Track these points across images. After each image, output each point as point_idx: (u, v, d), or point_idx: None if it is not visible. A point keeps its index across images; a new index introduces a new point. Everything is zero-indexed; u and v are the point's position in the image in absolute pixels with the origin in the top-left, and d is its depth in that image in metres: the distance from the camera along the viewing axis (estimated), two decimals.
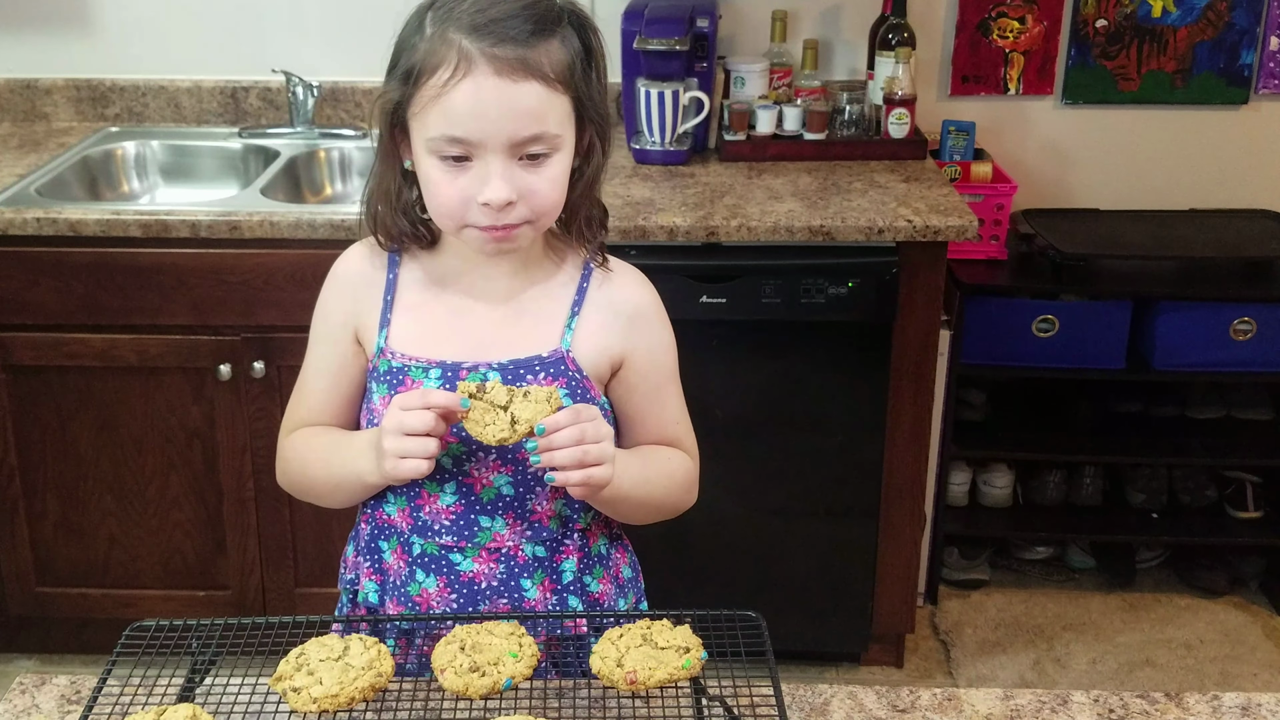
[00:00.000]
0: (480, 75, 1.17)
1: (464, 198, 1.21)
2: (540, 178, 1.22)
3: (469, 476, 1.29)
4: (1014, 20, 2.86)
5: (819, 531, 2.56)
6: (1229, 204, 2.97)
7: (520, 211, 1.22)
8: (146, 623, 1.19)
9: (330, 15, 2.84)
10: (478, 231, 1.23)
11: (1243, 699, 1.20)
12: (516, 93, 1.18)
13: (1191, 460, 2.93)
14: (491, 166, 1.19)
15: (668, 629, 1.16)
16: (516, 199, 1.20)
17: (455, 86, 1.17)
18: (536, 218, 1.24)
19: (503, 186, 1.19)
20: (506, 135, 1.18)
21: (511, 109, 1.18)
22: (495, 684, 1.11)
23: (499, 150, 1.19)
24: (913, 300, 2.39)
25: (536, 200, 1.22)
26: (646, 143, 2.63)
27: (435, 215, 1.25)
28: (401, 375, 1.29)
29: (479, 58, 1.17)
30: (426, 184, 1.23)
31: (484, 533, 1.31)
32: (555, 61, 1.20)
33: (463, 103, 1.17)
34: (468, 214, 1.22)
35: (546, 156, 1.21)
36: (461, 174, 1.20)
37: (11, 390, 2.48)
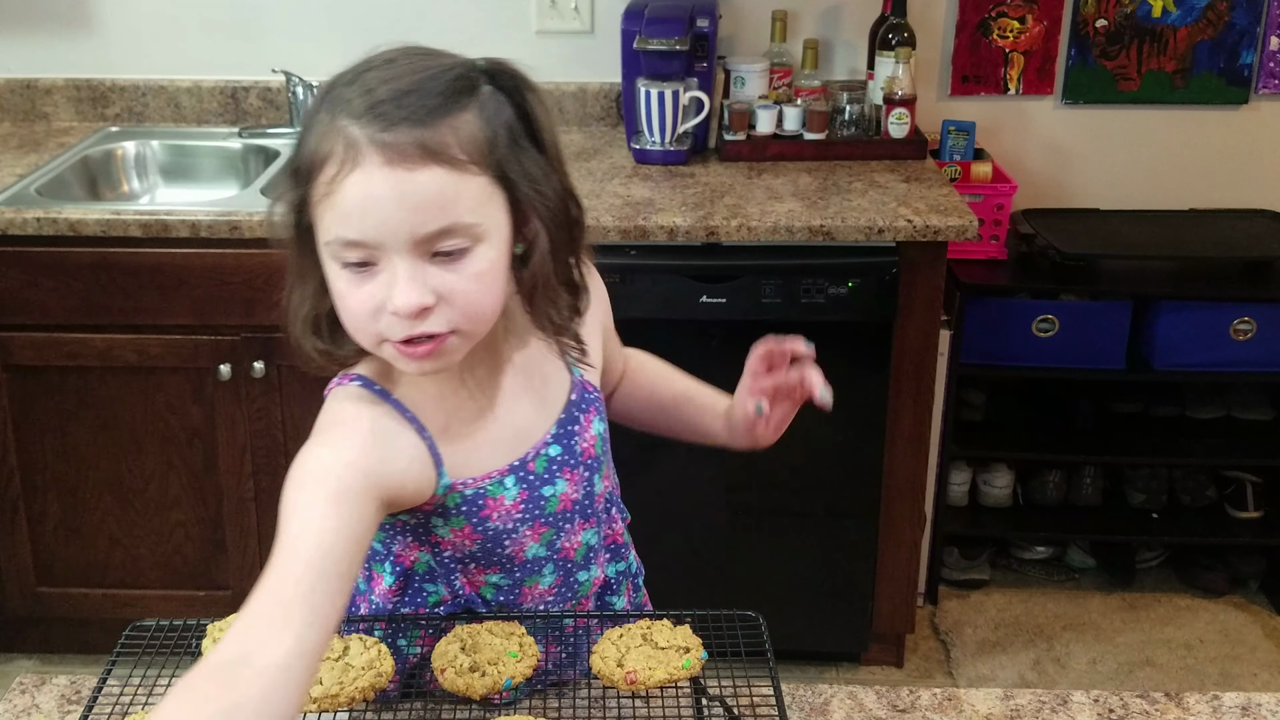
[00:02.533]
0: (369, 167, 1.00)
1: (372, 308, 1.03)
2: (460, 276, 1.03)
3: (561, 551, 1.24)
4: (1014, 20, 2.86)
5: (819, 531, 2.56)
6: (1229, 204, 2.97)
7: (441, 318, 1.04)
8: (146, 623, 1.19)
9: (330, 15, 2.84)
10: (393, 348, 1.05)
11: (1243, 699, 1.20)
12: (413, 182, 1.00)
13: (1191, 460, 2.93)
14: (397, 270, 1.01)
15: (668, 629, 1.16)
16: (434, 303, 1.03)
17: (342, 182, 1.00)
18: (462, 325, 1.05)
19: (411, 291, 1.01)
20: (407, 232, 1.00)
21: (409, 202, 1.00)
22: (495, 684, 1.11)
23: (403, 250, 1.01)
24: (913, 300, 2.39)
25: (459, 303, 1.04)
26: (646, 143, 2.63)
27: (350, 331, 1.08)
28: (480, 500, 1.16)
29: (366, 146, 1.00)
30: (334, 296, 1.07)
31: (584, 586, 1.28)
32: (466, 138, 1.03)
33: (352, 200, 1.00)
34: (380, 326, 1.04)
35: (466, 251, 1.03)
36: (367, 281, 1.03)
37: (11, 390, 2.48)
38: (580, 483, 1.23)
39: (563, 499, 1.22)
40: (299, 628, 0.92)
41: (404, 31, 3.09)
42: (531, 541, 1.21)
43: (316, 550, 0.98)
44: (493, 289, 1.07)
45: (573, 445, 1.22)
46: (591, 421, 1.24)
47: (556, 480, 1.21)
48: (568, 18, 2.84)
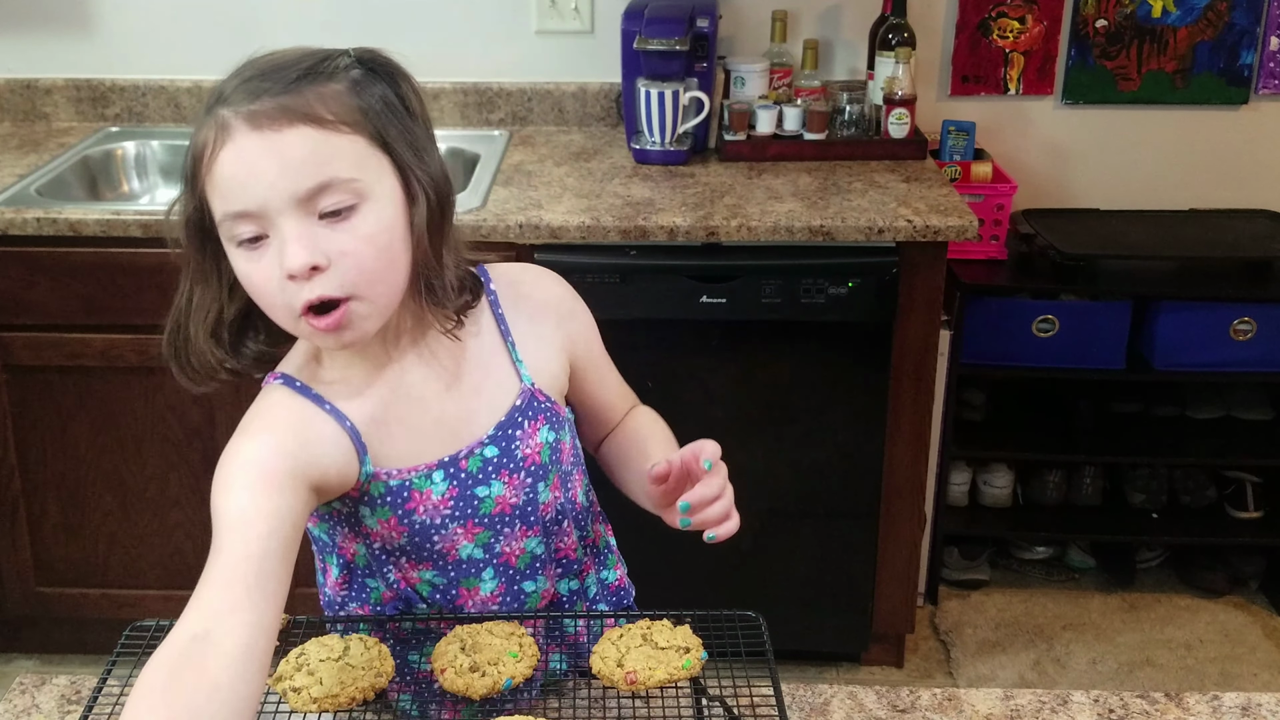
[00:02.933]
0: (238, 136, 1.03)
1: (273, 279, 1.04)
2: (350, 236, 1.04)
3: (501, 555, 1.23)
4: (1014, 20, 2.86)
5: (819, 531, 2.56)
6: (1229, 204, 2.97)
7: (335, 279, 1.04)
8: (146, 623, 1.19)
9: (330, 15, 2.84)
10: (306, 323, 1.06)
11: (1243, 699, 1.20)
12: (282, 142, 1.02)
13: (1191, 460, 2.93)
14: (284, 231, 1.03)
15: (668, 629, 1.16)
16: (325, 263, 1.03)
17: (217, 158, 1.03)
18: (359, 288, 1.05)
19: (300, 250, 1.02)
20: (286, 192, 1.02)
21: (281, 161, 1.02)
22: (495, 684, 1.11)
23: (286, 212, 1.02)
24: (913, 300, 2.39)
25: (349, 264, 1.04)
26: (646, 143, 2.63)
27: (267, 311, 1.09)
28: (405, 491, 1.17)
29: (233, 119, 1.03)
30: (243, 282, 1.08)
31: (531, 597, 1.27)
32: (334, 102, 1.05)
33: (228, 171, 1.03)
34: (286, 298, 1.05)
35: (352, 209, 1.04)
36: (263, 254, 1.04)
37: (11, 390, 2.48)
38: (520, 488, 1.22)
39: (500, 501, 1.21)
40: (258, 605, 0.97)
41: (404, 31, 3.08)
42: (465, 540, 1.21)
43: (259, 533, 1.01)
44: (387, 250, 1.07)
45: (512, 449, 1.21)
46: (538, 429, 1.22)
47: (492, 482, 1.20)
48: (568, 18, 2.84)
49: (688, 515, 1.13)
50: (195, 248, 1.11)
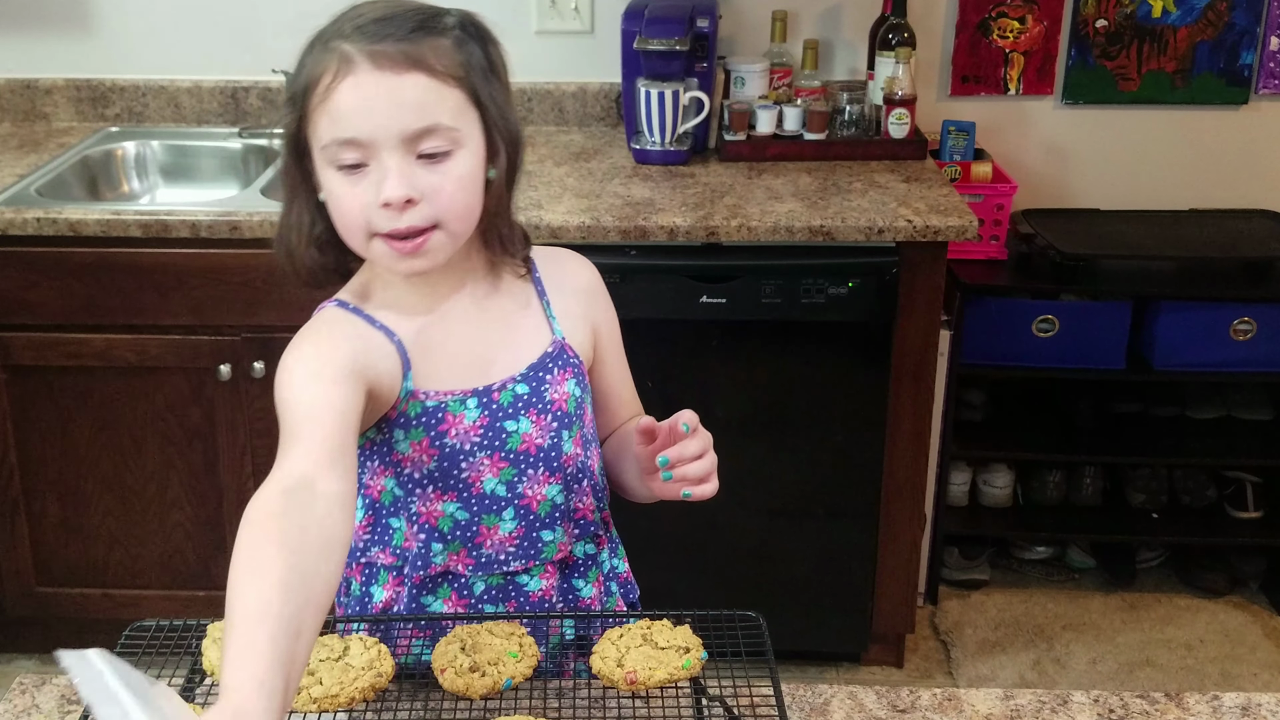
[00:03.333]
0: (360, 72, 1.13)
1: (364, 204, 1.15)
2: (443, 176, 1.16)
3: (524, 498, 1.27)
4: (1014, 20, 2.86)
5: (819, 531, 2.56)
6: (1229, 204, 2.97)
7: (424, 212, 1.15)
8: (146, 623, 1.19)
9: (330, 15, 2.84)
10: (384, 245, 1.17)
11: (1243, 699, 1.20)
12: (399, 84, 1.14)
13: (1191, 460, 2.93)
14: (387, 163, 1.14)
15: (668, 629, 1.16)
16: (418, 198, 1.15)
17: (337, 88, 1.14)
18: (445, 220, 1.17)
19: (399, 183, 1.14)
20: (396, 130, 1.13)
21: (397, 101, 1.13)
22: (495, 684, 1.11)
23: (392, 147, 1.14)
24: (913, 300, 2.39)
25: (442, 200, 1.16)
26: (646, 143, 2.63)
27: (343, 233, 1.19)
28: (440, 413, 1.23)
29: (358, 55, 1.14)
30: (330, 201, 1.18)
31: (549, 547, 1.30)
32: (444, 56, 1.16)
33: (346, 102, 1.13)
34: (371, 222, 1.16)
35: (448, 154, 1.16)
36: (360, 180, 1.15)
37: (11, 390, 2.48)
38: (547, 431, 1.27)
39: (526, 439, 1.26)
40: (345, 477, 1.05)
41: None
42: (490, 474, 1.25)
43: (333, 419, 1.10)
44: (471, 194, 1.19)
45: (542, 391, 1.27)
46: (565, 379, 1.29)
47: (520, 418, 1.25)
48: (568, 18, 2.85)
49: (668, 469, 1.21)
50: (292, 162, 1.21)
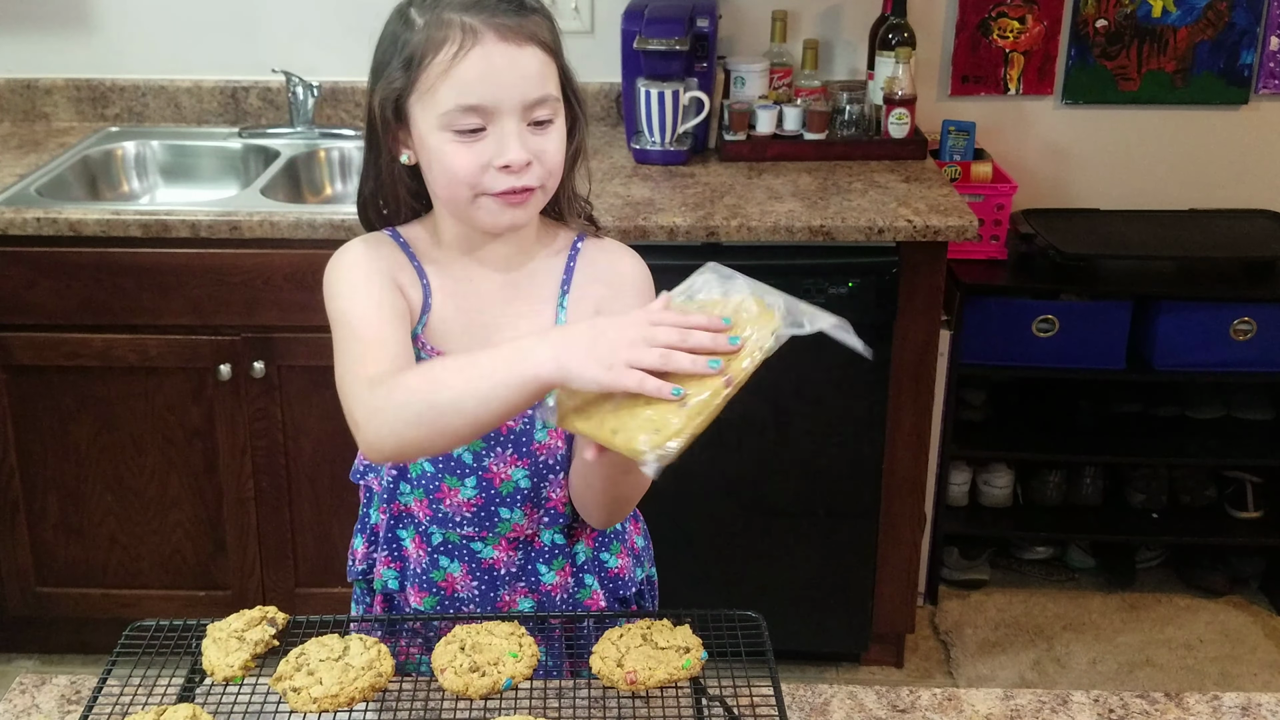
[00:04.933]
0: (488, 43, 1.21)
1: (481, 164, 1.23)
2: (549, 140, 1.26)
3: (488, 471, 1.32)
4: (1014, 20, 2.86)
5: (819, 531, 2.56)
6: (1229, 204, 2.97)
7: (535, 173, 1.25)
8: (146, 623, 1.19)
9: (330, 15, 2.84)
10: (492, 199, 1.25)
11: (1243, 699, 1.20)
12: (522, 56, 1.22)
13: (1191, 460, 2.93)
14: (507, 129, 1.23)
15: (668, 629, 1.16)
16: (533, 160, 1.24)
17: (465, 57, 1.21)
18: (547, 180, 1.27)
19: (520, 148, 1.23)
20: (519, 98, 1.22)
21: (521, 72, 1.22)
22: (495, 684, 1.11)
23: (513, 113, 1.22)
24: (913, 300, 2.39)
25: (548, 160, 1.26)
26: (646, 143, 2.63)
27: (448, 189, 1.26)
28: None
29: (483, 28, 1.21)
30: (439, 160, 1.25)
31: (504, 523, 1.34)
32: (546, 33, 1.26)
33: (475, 71, 1.21)
34: (484, 181, 1.24)
35: (550, 122, 1.26)
36: (477, 142, 1.23)
37: (11, 390, 2.48)
38: (521, 416, 1.29)
39: None
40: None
41: None
42: None
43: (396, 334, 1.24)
44: (564, 157, 1.30)
45: None
46: None
47: None
48: (568, 18, 2.84)
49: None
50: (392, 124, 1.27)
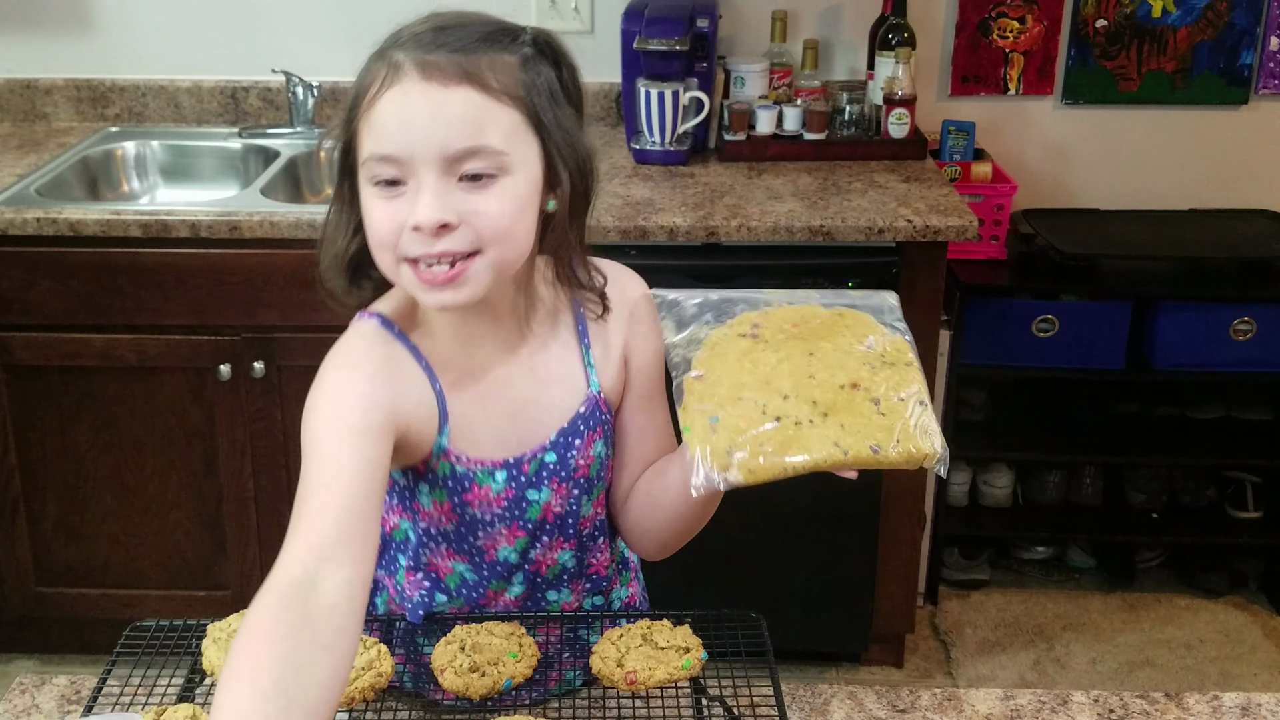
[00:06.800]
0: (406, 82, 1.05)
1: (395, 224, 1.06)
2: (485, 200, 1.06)
3: (534, 563, 1.24)
4: (1014, 20, 2.86)
5: (819, 531, 2.55)
6: (1229, 204, 2.97)
7: (463, 237, 1.05)
8: (146, 623, 1.19)
9: (330, 15, 2.84)
10: (411, 272, 1.07)
11: (1243, 699, 1.20)
12: (446, 98, 1.05)
13: (1191, 460, 2.93)
14: (423, 182, 1.05)
15: (668, 629, 1.16)
16: (455, 222, 1.05)
17: (380, 98, 1.06)
18: (486, 245, 1.07)
19: (434, 205, 1.04)
20: (437, 147, 1.04)
21: (441, 116, 1.05)
22: (495, 684, 1.11)
23: (431, 165, 1.04)
24: (913, 300, 2.38)
25: (481, 223, 1.06)
26: (646, 143, 2.63)
27: (374, 252, 1.10)
28: (467, 481, 1.17)
29: (406, 64, 1.06)
30: (364, 215, 1.10)
31: (553, 605, 1.27)
32: (503, 73, 1.07)
33: (388, 113, 1.06)
34: (401, 244, 1.06)
35: (493, 179, 1.06)
36: (395, 198, 1.06)
37: (11, 390, 2.48)
38: (567, 498, 1.21)
39: (545, 508, 1.21)
40: (358, 558, 0.99)
41: None
42: (505, 543, 1.21)
43: (355, 482, 1.03)
44: (518, 222, 1.09)
45: (568, 458, 1.20)
46: (594, 441, 1.21)
47: (543, 487, 1.20)
48: (568, 18, 2.84)
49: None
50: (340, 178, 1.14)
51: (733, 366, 1.06)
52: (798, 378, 1.04)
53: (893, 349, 1.08)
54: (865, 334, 1.09)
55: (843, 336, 1.08)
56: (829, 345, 1.07)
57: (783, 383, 1.04)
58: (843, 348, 1.07)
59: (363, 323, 1.17)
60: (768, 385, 1.04)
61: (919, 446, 1.02)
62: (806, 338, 1.08)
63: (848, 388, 1.04)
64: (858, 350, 1.07)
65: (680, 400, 1.05)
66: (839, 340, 1.08)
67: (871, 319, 1.10)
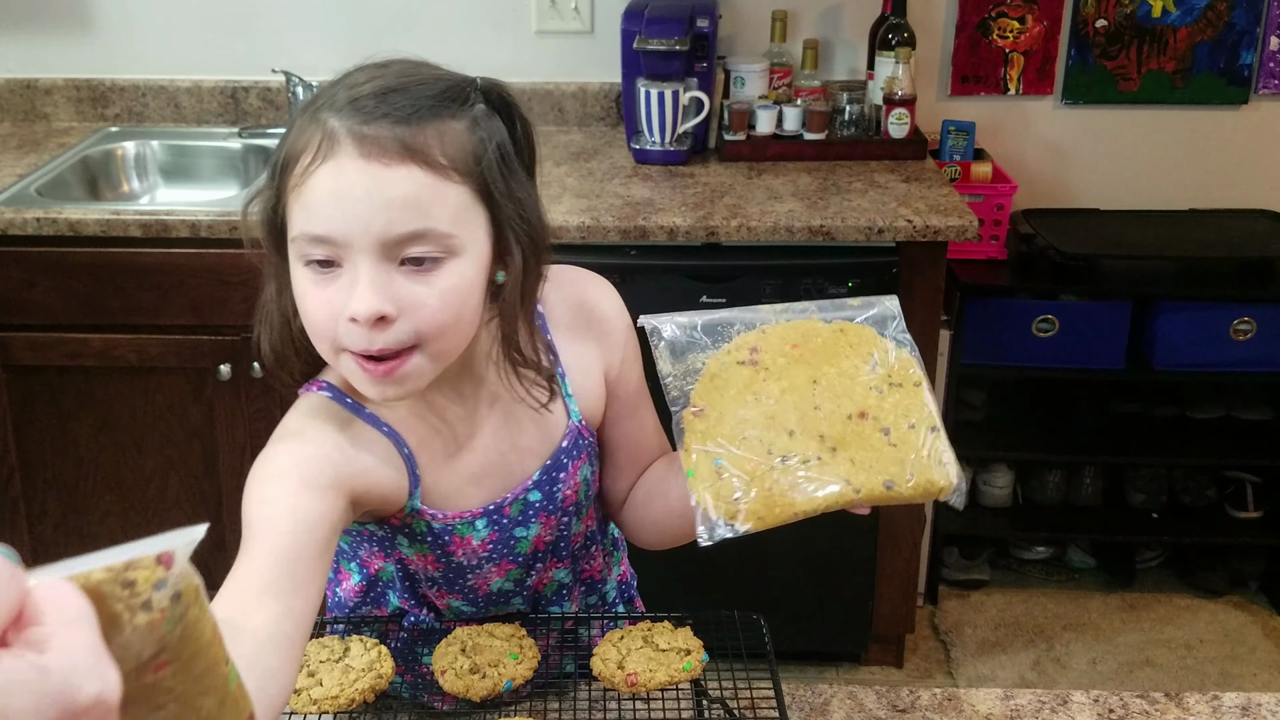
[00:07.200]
0: (343, 158, 0.95)
1: (330, 312, 0.98)
2: (428, 288, 0.97)
3: (530, 589, 1.22)
4: (1014, 20, 2.86)
5: (819, 532, 2.54)
6: (1229, 204, 2.97)
7: (402, 330, 0.97)
8: None
9: (330, 15, 2.84)
10: (352, 361, 0.99)
11: (1243, 699, 1.20)
12: (388, 178, 0.95)
13: (1191, 460, 2.93)
14: (360, 271, 0.96)
15: (669, 631, 1.15)
16: (394, 314, 0.97)
17: (314, 173, 0.96)
18: (427, 340, 0.99)
19: (372, 296, 0.95)
20: (375, 232, 0.95)
21: (381, 199, 0.95)
22: (495, 686, 1.11)
23: (368, 251, 0.96)
24: (913, 300, 2.38)
25: (423, 316, 0.98)
26: (646, 143, 2.63)
27: (311, 338, 1.02)
28: (448, 535, 1.13)
29: (344, 137, 0.96)
30: (298, 301, 1.01)
31: (555, 620, 1.24)
32: (452, 145, 0.98)
33: (321, 191, 0.96)
34: (338, 334, 0.98)
35: (437, 263, 0.98)
36: (330, 283, 0.98)
37: (11, 390, 2.48)
38: (556, 526, 1.20)
39: (535, 541, 1.19)
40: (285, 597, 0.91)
41: (404, 31, 3.08)
42: (497, 577, 1.20)
43: (292, 529, 0.96)
44: (463, 309, 1.01)
45: (554, 492, 1.18)
46: (579, 468, 1.19)
47: (530, 524, 1.18)
48: (568, 18, 2.84)
49: None
50: (271, 248, 1.04)
51: (734, 401, 1.01)
52: (803, 410, 1.00)
53: (899, 367, 1.04)
54: (869, 351, 1.05)
55: (846, 358, 1.04)
56: (833, 370, 1.03)
57: (788, 417, 1.00)
58: (847, 372, 1.03)
59: (310, 397, 1.09)
60: (772, 421, 1.00)
61: (934, 480, 0.98)
62: (809, 360, 1.03)
63: (855, 418, 1.00)
64: (863, 373, 1.03)
65: (680, 439, 1.01)
66: (843, 363, 1.03)
67: (873, 333, 1.06)
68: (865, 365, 1.04)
